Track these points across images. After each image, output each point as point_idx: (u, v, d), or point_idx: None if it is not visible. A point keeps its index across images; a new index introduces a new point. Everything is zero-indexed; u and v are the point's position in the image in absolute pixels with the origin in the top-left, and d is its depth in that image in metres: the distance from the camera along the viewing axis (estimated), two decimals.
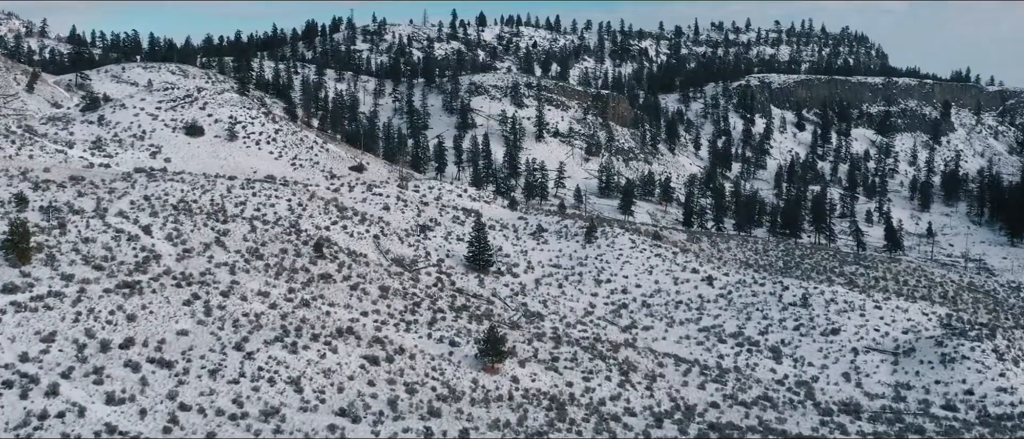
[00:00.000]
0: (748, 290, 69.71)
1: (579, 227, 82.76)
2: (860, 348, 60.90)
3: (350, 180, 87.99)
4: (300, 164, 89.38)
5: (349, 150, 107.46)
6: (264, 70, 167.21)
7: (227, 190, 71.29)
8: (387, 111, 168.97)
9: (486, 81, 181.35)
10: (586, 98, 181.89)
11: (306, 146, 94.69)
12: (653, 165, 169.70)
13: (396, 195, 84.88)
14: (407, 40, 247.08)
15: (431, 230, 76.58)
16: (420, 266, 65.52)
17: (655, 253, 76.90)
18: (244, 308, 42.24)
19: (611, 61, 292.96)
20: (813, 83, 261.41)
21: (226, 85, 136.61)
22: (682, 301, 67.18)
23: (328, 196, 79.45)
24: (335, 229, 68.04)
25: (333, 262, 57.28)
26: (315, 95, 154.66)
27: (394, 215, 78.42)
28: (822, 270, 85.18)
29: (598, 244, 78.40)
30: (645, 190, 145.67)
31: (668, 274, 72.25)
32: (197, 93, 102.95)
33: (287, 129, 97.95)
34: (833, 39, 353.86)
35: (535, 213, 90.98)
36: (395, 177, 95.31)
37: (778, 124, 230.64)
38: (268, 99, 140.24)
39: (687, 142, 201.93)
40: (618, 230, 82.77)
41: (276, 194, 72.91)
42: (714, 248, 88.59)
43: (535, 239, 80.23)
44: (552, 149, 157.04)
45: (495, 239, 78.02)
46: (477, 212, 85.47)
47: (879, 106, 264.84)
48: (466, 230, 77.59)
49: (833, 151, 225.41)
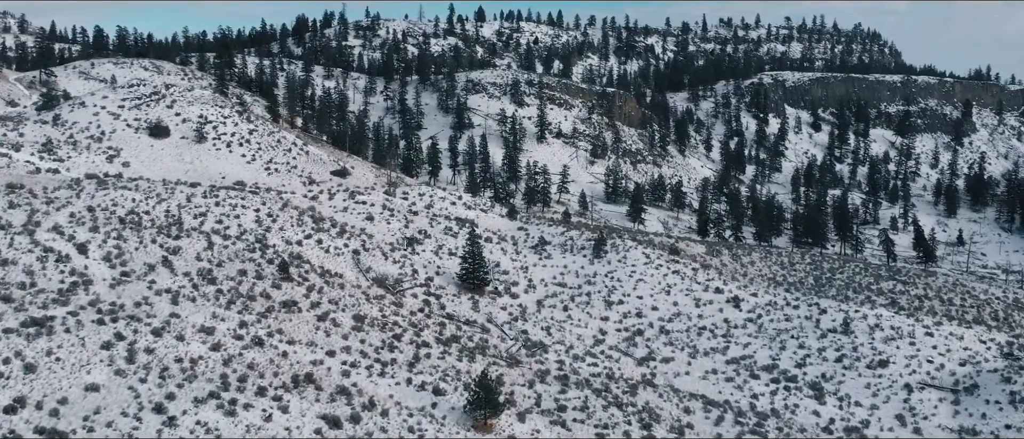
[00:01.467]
0: (780, 313, 62.57)
1: (586, 239, 75.60)
2: (913, 384, 53.79)
3: (331, 186, 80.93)
4: (275, 168, 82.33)
5: (333, 152, 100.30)
6: (248, 67, 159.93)
7: (186, 199, 64.24)
8: (378, 110, 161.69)
9: (484, 78, 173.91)
10: (591, 96, 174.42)
11: (283, 148, 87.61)
12: (663, 168, 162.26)
13: (382, 203, 77.80)
14: (402, 36, 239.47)
15: (420, 243, 69.47)
16: (405, 287, 58.39)
17: (672, 269, 69.76)
18: (179, 351, 35.07)
19: (616, 58, 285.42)
20: (829, 81, 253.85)
21: (203, 82, 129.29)
22: (706, 327, 60.02)
23: (304, 205, 72.35)
24: (308, 244, 60.93)
25: (301, 285, 50.16)
26: (301, 93, 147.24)
27: (378, 226, 71.32)
28: (858, 287, 78.04)
29: (608, 259, 71.26)
30: (655, 195, 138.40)
31: (688, 294, 65.10)
32: (165, 90, 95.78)
33: (263, 129, 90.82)
34: (846, 36, 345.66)
35: (537, 222, 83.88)
36: (382, 182, 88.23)
37: (793, 124, 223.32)
38: (249, 97, 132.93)
39: (697, 143, 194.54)
40: (630, 242, 75.61)
41: (243, 203, 65.82)
42: (736, 262, 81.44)
43: (537, 253, 73.12)
44: (555, 151, 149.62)
45: (492, 253, 70.93)
46: (472, 222, 78.35)
47: (898, 106, 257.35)
48: (459, 243, 70.51)
49: (851, 153, 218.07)
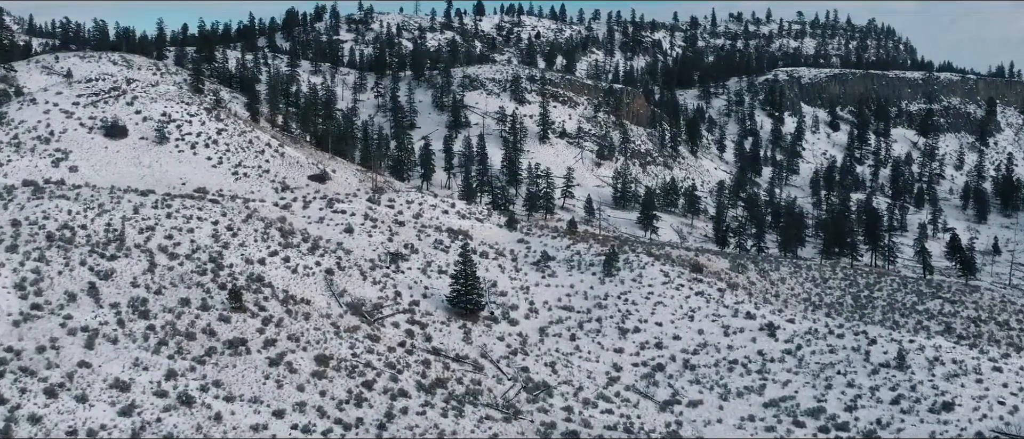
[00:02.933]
0: (822, 343, 55.00)
1: (595, 254, 68.13)
2: (986, 432, 46.16)
3: (307, 193, 73.53)
4: (244, 173, 74.93)
5: (314, 154, 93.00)
6: (229, 61, 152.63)
7: (133, 210, 56.87)
8: (368, 108, 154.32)
9: (482, 74, 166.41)
10: (597, 93, 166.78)
11: (255, 150, 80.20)
12: (674, 170, 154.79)
13: (364, 212, 70.38)
14: (396, 30, 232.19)
15: (405, 260, 62.00)
16: (384, 315, 50.92)
17: (695, 290, 62.24)
18: (74, 419, 27.57)
19: (622, 54, 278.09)
20: (847, 78, 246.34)
21: (177, 77, 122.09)
22: (737, 360, 52.44)
23: (273, 215, 64.94)
24: (273, 263, 53.48)
25: (255, 317, 42.71)
26: (285, 89, 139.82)
27: (358, 240, 63.86)
28: (904, 309, 70.53)
29: (620, 277, 63.76)
30: (667, 200, 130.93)
31: (715, 320, 57.55)
32: (126, 85, 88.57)
33: (234, 129, 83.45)
34: (859, 32, 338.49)
35: (539, 233, 76.42)
36: (367, 188, 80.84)
37: (810, 123, 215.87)
38: (227, 94, 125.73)
39: (710, 143, 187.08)
40: (645, 257, 68.11)
41: (200, 214, 58.44)
42: (764, 279, 73.93)
43: (539, 270, 65.62)
44: (558, 152, 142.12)
45: (488, 271, 63.47)
46: (466, 234, 70.93)
47: (919, 104, 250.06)
48: (451, 259, 63.06)
49: (871, 153, 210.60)
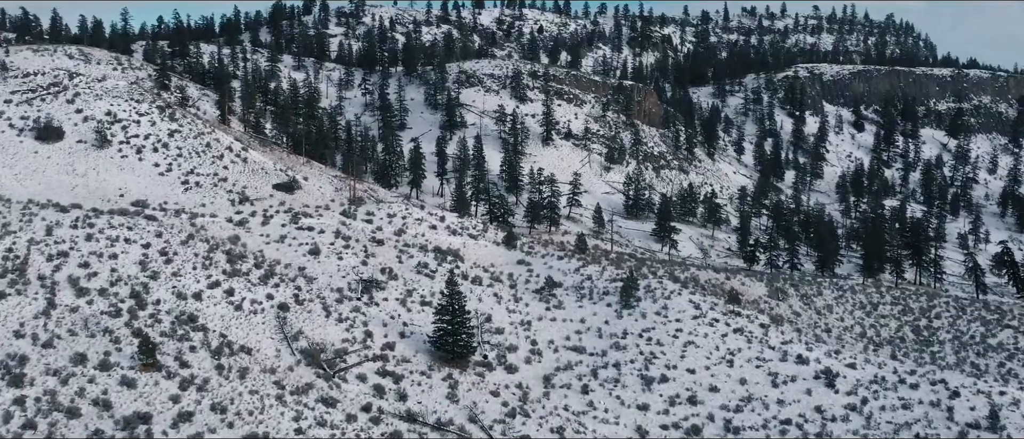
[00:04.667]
0: (893, 396, 45.68)
1: (610, 280, 58.86)
2: None
3: (270, 205, 64.31)
4: (197, 181, 65.73)
5: (286, 158, 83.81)
6: (204, 56, 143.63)
7: (47, 231, 47.72)
8: (355, 106, 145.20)
9: (480, 69, 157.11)
10: (605, 90, 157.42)
11: (213, 155, 71.00)
12: (690, 174, 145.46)
13: (335, 229, 61.17)
14: (389, 24, 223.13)
15: (381, 288, 52.75)
16: (349, 365, 41.66)
17: (733, 325, 52.91)
18: None
19: (630, 50, 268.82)
20: (871, 75, 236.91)
21: (141, 72, 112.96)
22: (791, 420, 43.13)
23: (224, 233, 55.74)
24: (212, 297, 44.27)
25: (172, 378, 33.55)
26: (263, 86, 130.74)
27: (324, 264, 54.62)
28: (974, 344, 61.08)
29: (641, 309, 54.45)
30: (685, 208, 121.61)
31: (760, 366, 48.20)
32: (68, 81, 79.48)
33: (190, 130, 74.27)
34: (878, 27, 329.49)
35: (542, 252, 67.15)
36: (343, 198, 71.55)
37: (833, 123, 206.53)
38: (197, 91, 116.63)
39: (727, 145, 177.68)
40: (670, 284, 58.80)
41: (129, 235, 49.28)
42: (809, 308, 64.60)
43: (543, 300, 56.35)
44: (563, 155, 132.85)
45: (482, 301, 54.25)
46: (456, 254, 61.71)
47: (948, 103, 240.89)
48: (437, 286, 53.92)
49: (899, 156, 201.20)
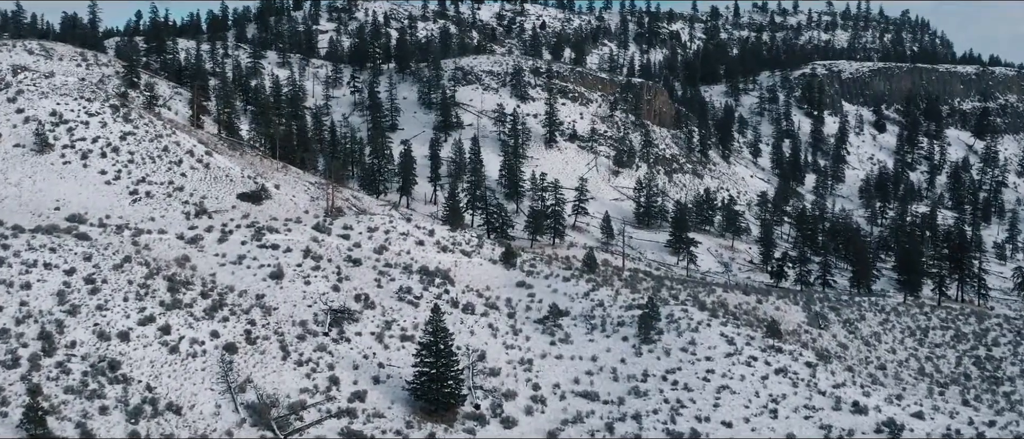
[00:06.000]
0: None
1: (625, 307, 51.27)
2: None
3: (231, 218, 56.83)
4: (148, 191, 58.28)
5: (259, 163, 76.23)
6: (180, 53, 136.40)
7: None
8: (343, 105, 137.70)
9: (478, 65, 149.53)
10: (612, 88, 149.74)
11: (170, 160, 63.54)
12: (705, 178, 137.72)
13: (305, 246, 53.73)
14: (384, 19, 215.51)
15: (354, 320, 45.27)
16: (306, 424, 34.16)
17: (774, 363, 45.32)
18: None
19: (637, 46, 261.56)
20: (892, 73, 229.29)
21: (108, 70, 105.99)
22: None
23: (170, 254, 48.29)
24: (143, 336, 36.82)
25: None
26: (243, 83, 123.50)
27: (288, 290, 47.13)
28: None
29: (664, 344, 46.88)
30: (701, 216, 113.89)
31: (809, 416, 40.61)
32: (11, 77, 72.15)
33: (146, 132, 66.82)
34: (894, 24, 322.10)
35: (546, 272, 59.62)
36: (317, 209, 64.00)
37: (853, 123, 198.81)
38: (169, 89, 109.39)
39: (742, 147, 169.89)
40: (697, 313, 51.20)
41: (52, 258, 41.94)
42: (854, 336, 56.97)
43: (547, 332, 48.82)
44: (568, 158, 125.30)
45: (474, 334, 46.80)
46: (446, 276, 54.25)
47: (973, 102, 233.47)
48: (421, 316, 46.51)
49: (924, 158, 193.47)
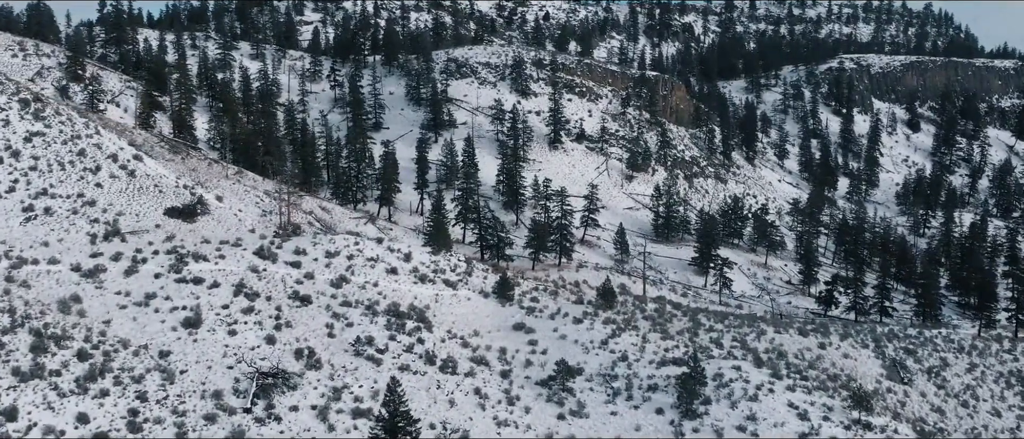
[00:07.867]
0: None
1: (657, 362, 39.95)
2: None
3: (150, 241, 45.63)
4: (47, 207, 47.20)
5: (206, 169, 65.08)
6: (139, 45, 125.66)
7: None
8: (322, 101, 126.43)
9: (474, 57, 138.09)
10: (624, 83, 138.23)
11: (86, 166, 52.46)
12: (729, 184, 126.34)
13: (240, 278, 42.61)
14: (373, 9, 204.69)
15: (291, 387, 34.11)
16: None
17: None
18: None
19: (647, 39, 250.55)
20: (926, 67, 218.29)
21: (49, 61, 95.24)
22: None
23: (59, 291, 37.43)
24: None
25: None
26: (211, 77, 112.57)
27: (204, 345, 35.99)
28: None
29: (713, 419, 35.64)
30: (728, 227, 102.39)
31: None
32: None
33: (61, 132, 55.78)
34: (918, 17, 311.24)
35: (551, 307, 48.36)
36: (268, 226, 52.77)
37: (886, 122, 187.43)
38: (120, 83, 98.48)
39: (767, 147, 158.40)
40: (752, 370, 39.89)
41: None
42: (944, 392, 45.71)
43: (554, 400, 37.60)
44: (575, 161, 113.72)
45: (454, 403, 35.69)
46: (422, 316, 43.06)
47: (1012, 98, 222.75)
48: (383, 378, 35.36)
49: (963, 160, 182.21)
